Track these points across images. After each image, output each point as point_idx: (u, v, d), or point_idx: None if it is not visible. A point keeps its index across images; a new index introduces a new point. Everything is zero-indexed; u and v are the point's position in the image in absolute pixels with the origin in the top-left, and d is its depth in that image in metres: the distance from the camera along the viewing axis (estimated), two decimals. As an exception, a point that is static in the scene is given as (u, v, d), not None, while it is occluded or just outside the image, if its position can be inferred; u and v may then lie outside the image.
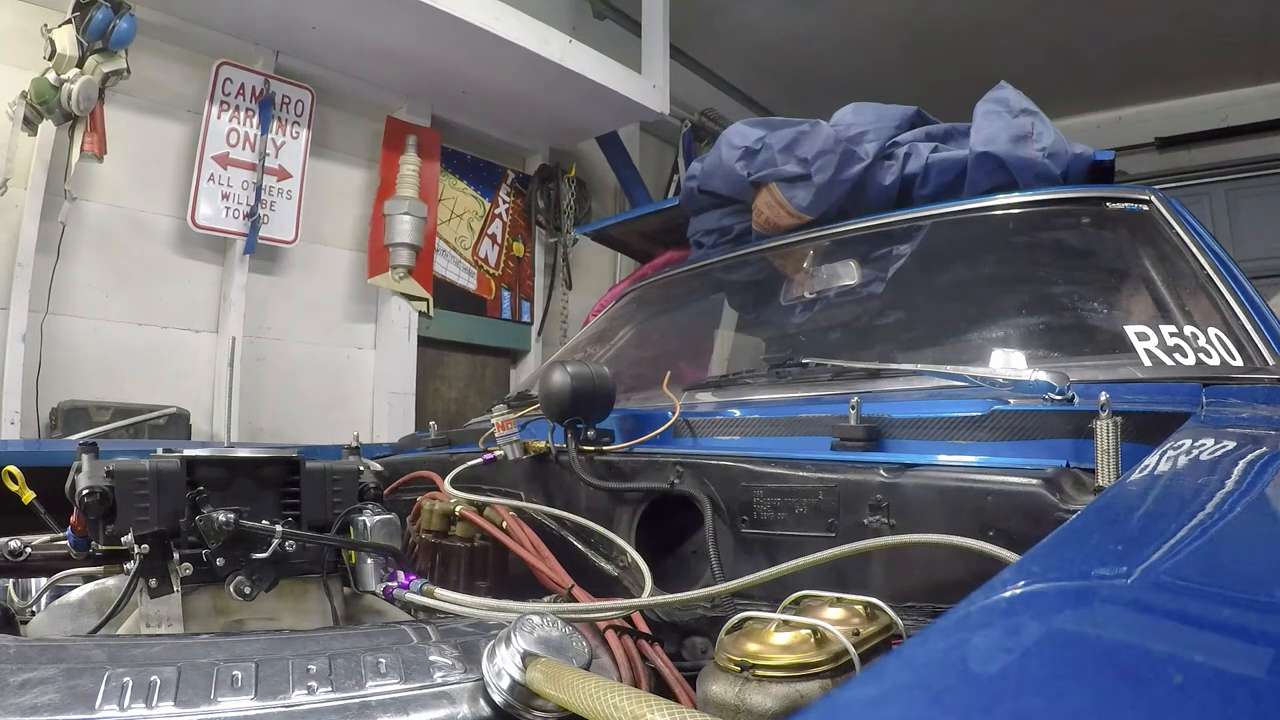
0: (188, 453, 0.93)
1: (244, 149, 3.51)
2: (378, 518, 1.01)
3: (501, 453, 1.31)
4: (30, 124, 2.83)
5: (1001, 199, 1.67)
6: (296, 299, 3.80)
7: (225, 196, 3.44)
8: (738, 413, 1.28)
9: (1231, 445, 0.74)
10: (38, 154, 2.95)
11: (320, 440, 2.58)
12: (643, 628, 0.88)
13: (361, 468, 1.08)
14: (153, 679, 0.59)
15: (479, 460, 1.32)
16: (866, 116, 1.92)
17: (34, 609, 1.06)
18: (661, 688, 0.83)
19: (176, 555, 0.90)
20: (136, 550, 0.88)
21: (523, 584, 1.09)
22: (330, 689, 0.61)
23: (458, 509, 1.18)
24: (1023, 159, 1.71)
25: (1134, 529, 0.54)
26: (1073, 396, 0.96)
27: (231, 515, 0.88)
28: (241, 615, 0.94)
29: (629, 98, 4.13)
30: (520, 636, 0.62)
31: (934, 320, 1.61)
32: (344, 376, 3.99)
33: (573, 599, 0.97)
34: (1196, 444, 0.74)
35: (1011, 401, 1.00)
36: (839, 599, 0.73)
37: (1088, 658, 0.31)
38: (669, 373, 1.52)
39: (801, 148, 1.86)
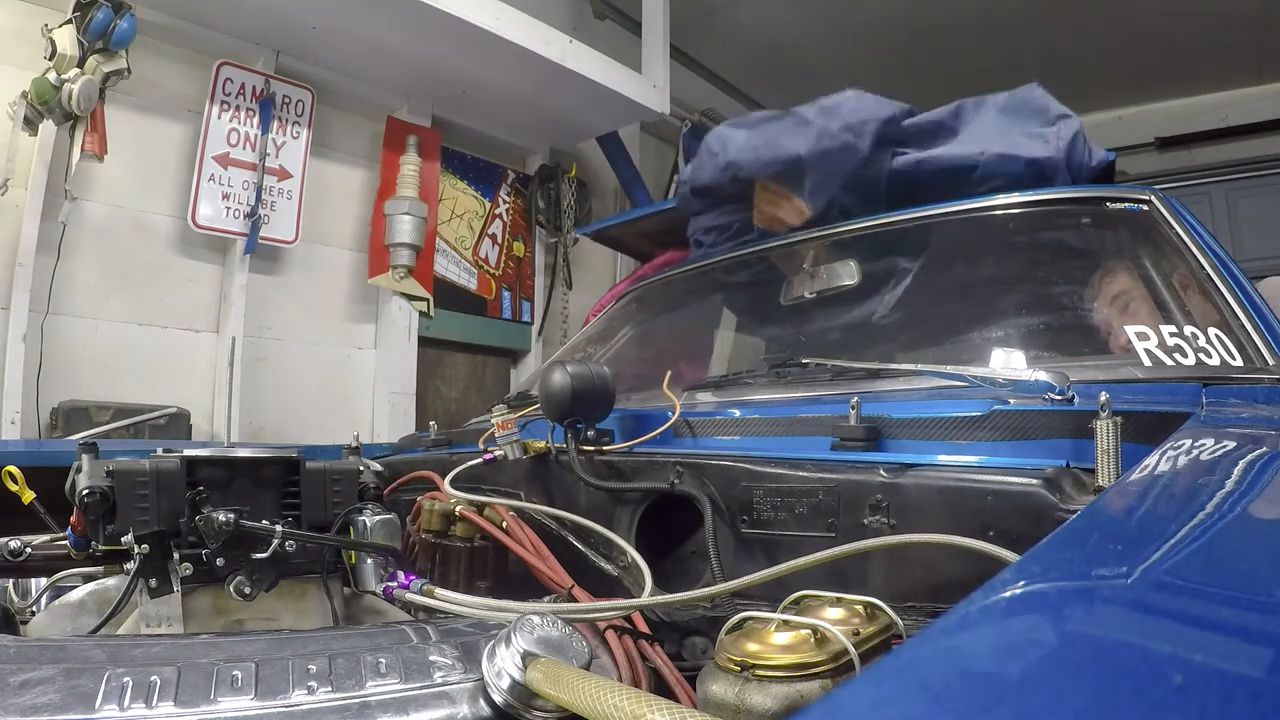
0: (188, 453, 0.93)
1: (244, 149, 3.50)
2: (378, 518, 1.01)
3: (501, 453, 1.31)
4: (31, 124, 2.82)
5: (1001, 199, 1.66)
6: (297, 299, 3.80)
7: (226, 196, 3.43)
8: (738, 413, 1.28)
9: (1231, 445, 0.74)
10: (38, 154, 2.95)
11: (320, 440, 2.58)
12: (643, 628, 0.88)
13: (361, 468, 1.08)
14: (153, 679, 0.59)
15: (479, 460, 1.32)
16: (867, 105, 1.90)
17: (34, 609, 1.06)
18: (661, 688, 0.83)
19: (176, 555, 0.90)
20: (136, 550, 0.88)
21: (523, 584, 1.09)
22: (330, 689, 0.61)
23: (458, 509, 1.18)
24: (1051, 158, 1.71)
25: (1134, 529, 0.54)
26: (1073, 396, 0.96)
27: (231, 515, 0.88)
28: (241, 615, 0.94)
29: (629, 98, 4.13)
30: (520, 636, 0.62)
31: (934, 320, 1.61)
32: (344, 376, 3.99)
33: (573, 599, 0.97)
34: (1196, 444, 0.74)
35: (1011, 401, 1.00)
36: (839, 599, 0.73)
37: (1088, 658, 0.31)
38: (669, 373, 1.52)
39: (793, 141, 1.85)
